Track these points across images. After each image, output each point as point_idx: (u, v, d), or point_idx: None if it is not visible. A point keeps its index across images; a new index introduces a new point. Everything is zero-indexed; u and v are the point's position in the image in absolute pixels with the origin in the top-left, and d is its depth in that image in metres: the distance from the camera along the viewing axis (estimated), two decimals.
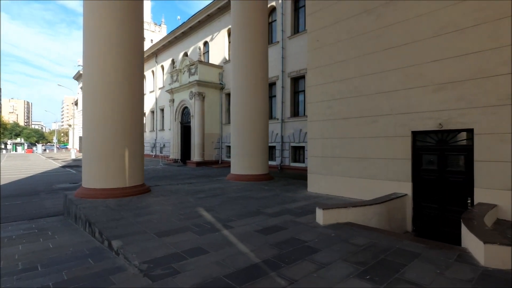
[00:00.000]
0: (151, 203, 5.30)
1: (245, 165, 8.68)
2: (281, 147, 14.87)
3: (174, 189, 6.98)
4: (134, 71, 6.23)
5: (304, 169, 13.79)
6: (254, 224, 3.91)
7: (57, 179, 12.87)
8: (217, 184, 7.80)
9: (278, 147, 14.88)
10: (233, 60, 9.10)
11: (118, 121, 5.90)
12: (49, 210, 6.83)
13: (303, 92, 14.45)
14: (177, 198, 5.82)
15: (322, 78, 6.36)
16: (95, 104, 5.88)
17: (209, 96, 18.79)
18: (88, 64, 5.98)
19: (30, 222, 5.50)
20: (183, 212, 4.56)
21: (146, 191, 6.35)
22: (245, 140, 8.72)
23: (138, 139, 6.34)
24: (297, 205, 5.15)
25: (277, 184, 7.92)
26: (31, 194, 9.09)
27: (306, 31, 13.86)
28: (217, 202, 5.43)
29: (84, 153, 6.04)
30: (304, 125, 13.90)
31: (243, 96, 8.78)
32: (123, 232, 3.50)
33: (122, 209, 4.78)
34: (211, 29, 20.42)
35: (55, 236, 4.25)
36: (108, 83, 5.84)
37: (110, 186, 5.82)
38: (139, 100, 6.39)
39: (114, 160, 5.86)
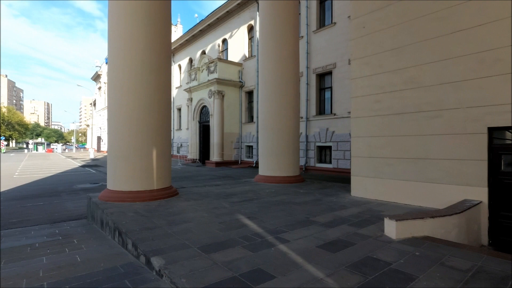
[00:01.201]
0: (183, 208, 4.76)
1: (274, 166, 8.07)
2: (305, 147, 14.17)
3: (202, 191, 6.45)
4: (162, 65, 5.74)
5: (332, 170, 13.04)
6: (311, 236, 3.28)
7: (77, 179, 12.67)
8: (246, 187, 7.22)
9: (303, 147, 14.18)
10: (261, 54, 8.51)
11: (144, 118, 5.41)
12: (71, 212, 6.46)
13: (329, 89, 13.71)
14: (210, 202, 5.27)
15: (369, 69, 5.66)
16: (120, 100, 5.42)
17: (228, 94, 18.31)
18: (113, 58, 5.53)
19: (53, 226, 5.10)
20: (222, 220, 3.98)
21: (174, 194, 5.84)
22: (274, 139, 8.11)
23: (165, 138, 5.85)
24: (349, 212, 4.49)
25: (312, 187, 7.26)
26: (52, 194, 8.80)
27: (333, 24, 13.23)
28: (255, 207, 4.84)
29: (109, 153, 5.59)
30: (330, 124, 13.16)
31: (271, 91, 8.17)
32: (162, 246, 2.95)
33: (152, 215, 4.26)
34: (230, 26, 19.93)
35: (81, 245, 3.77)
36: (134, 77, 5.36)
37: (137, 189, 5.34)
38: (167, 95, 5.89)
39: (141, 160, 5.38)
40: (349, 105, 12.48)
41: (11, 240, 4.21)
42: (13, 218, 5.99)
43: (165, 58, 5.84)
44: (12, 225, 5.50)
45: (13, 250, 3.65)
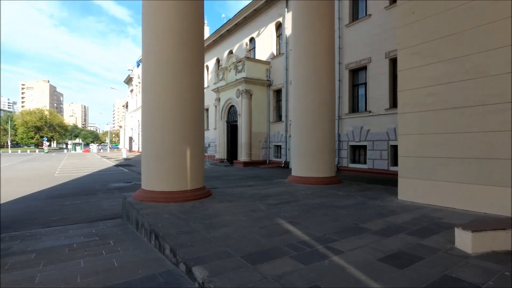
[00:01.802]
0: (218, 210, 4.53)
1: (308, 166, 7.65)
2: (338, 147, 13.54)
3: (236, 192, 6.21)
4: (195, 62, 5.56)
5: (367, 171, 12.32)
6: (368, 247, 2.87)
7: (111, 178, 13.04)
8: (280, 188, 6.88)
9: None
10: (294, 49, 8.12)
11: (178, 117, 5.26)
12: (107, 212, 6.49)
13: (363, 85, 12.98)
14: (245, 204, 4.99)
15: (420, 59, 5.09)
16: (154, 98, 5.31)
17: (256, 93, 18.07)
18: (146, 56, 5.44)
19: (90, 225, 5.09)
20: (263, 225, 3.68)
21: (207, 195, 5.64)
22: (308, 138, 7.69)
23: (199, 137, 5.67)
24: (402, 219, 4.00)
25: (351, 189, 6.76)
26: (89, 193, 9.03)
27: (368, 17, 12.48)
28: (295, 211, 4.48)
29: (143, 153, 5.51)
30: (365, 122, 12.44)
31: (305, 88, 7.75)
32: (202, 253, 2.70)
33: (189, 217, 4.05)
34: (258, 25, 19.69)
35: (117, 247, 3.65)
36: (168, 75, 5.23)
37: (171, 189, 5.19)
38: (200, 93, 5.71)
39: (175, 160, 5.23)
40: (385, 102, 11.72)
41: (51, 239, 4.20)
42: (53, 216, 6.12)
43: (198, 55, 5.66)
44: (52, 223, 5.60)
45: (52, 251, 3.60)
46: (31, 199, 8.07)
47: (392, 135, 11.37)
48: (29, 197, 8.30)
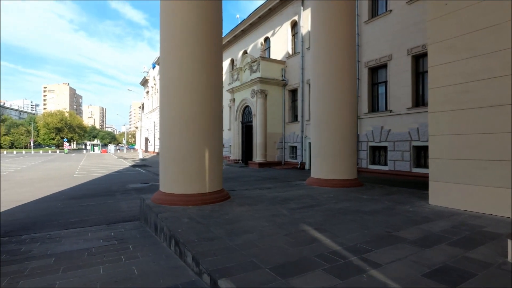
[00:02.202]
0: (239, 215, 4.34)
1: (329, 168, 7.36)
2: (357, 147, 13.11)
3: (254, 195, 6.01)
4: (214, 62, 5.42)
5: (387, 173, 11.85)
6: (408, 260, 2.60)
7: (129, 179, 13.15)
8: (300, 191, 6.63)
9: None
10: (313, 46, 7.86)
11: (197, 117, 5.13)
12: (125, 213, 6.45)
13: (383, 83, 12.52)
14: (266, 208, 4.79)
15: (454, 54, 4.73)
16: (172, 99, 5.19)
17: (271, 93, 17.85)
18: (164, 55, 5.33)
19: (108, 228, 5.03)
20: (288, 232, 3.46)
21: (226, 198, 5.48)
22: (329, 139, 7.40)
23: (217, 139, 5.52)
24: (438, 227, 3.68)
25: (375, 192, 6.43)
26: (107, 194, 9.08)
27: (388, 12, 12.01)
28: (319, 216, 4.24)
29: (161, 154, 5.41)
30: (385, 122, 11.99)
31: (325, 87, 7.47)
32: (227, 263, 2.52)
33: (209, 222, 3.89)
34: (273, 24, 19.47)
35: (137, 253, 3.52)
36: (186, 74, 5.10)
37: (189, 192, 5.06)
38: (219, 93, 5.56)
39: (194, 162, 5.09)
40: (408, 101, 11.23)
41: (70, 242, 4.14)
42: (73, 218, 6.12)
43: (216, 55, 5.51)
44: (72, 225, 5.59)
45: (72, 255, 3.52)
46: (51, 199, 8.18)
47: (415, 135, 10.88)
48: (50, 198, 8.41)
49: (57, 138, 73.44)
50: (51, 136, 73.67)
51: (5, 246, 4.05)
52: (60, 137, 72.44)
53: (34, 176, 14.47)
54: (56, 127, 73.63)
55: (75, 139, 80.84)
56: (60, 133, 74.05)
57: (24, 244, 4.16)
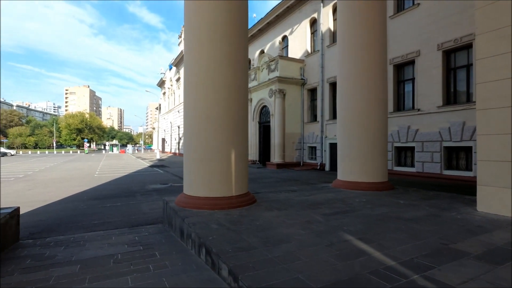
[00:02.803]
0: (270, 220, 4.05)
1: (358, 170, 6.94)
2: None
3: (281, 198, 5.71)
4: (239, 58, 5.16)
5: (415, 175, 11.24)
6: (482, 280, 2.23)
7: (148, 179, 13.15)
8: (328, 194, 6.27)
9: None
10: (340, 41, 7.46)
11: (223, 116, 4.88)
12: (147, 216, 6.31)
13: (410, 81, 11.92)
14: (297, 213, 4.47)
15: (507, 44, 4.25)
16: (197, 97, 4.96)
17: (289, 93, 17.48)
18: (189, 53, 5.12)
19: (132, 231, 4.86)
20: (329, 242, 3.13)
21: (252, 201, 5.20)
22: (358, 139, 6.98)
23: (243, 139, 5.26)
24: (501, 239, 3.25)
25: (411, 196, 5.97)
26: (128, 195, 9.02)
27: (416, 6, 11.36)
28: (358, 224, 3.88)
29: (185, 156, 5.19)
30: (412, 121, 11.38)
31: (354, 84, 7.05)
32: (271, 280, 2.23)
33: (240, 229, 3.62)
34: (291, 22, 19.11)
35: (165, 261, 3.30)
36: (211, 71, 4.86)
37: (215, 195, 4.81)
38: (244, 91, 5.30)
39: (219, 163, 4.85)
40: (438, 99, 10.60)
41: (94, 247, 3.98)
42: (96, 220, 6.03)
43: (242, 51, 5.25)
44: (95, 227, 5.47)
45: (97, 262, 3.33)
46: (74, 200, 8.18)
47: (446, 135, 10.23)
48: (73, 198, 8.43)
49: (78, 138, 75.85)
50: (72, 137, 76.16)
51: (30, 250, 3.93)
52: (80, 138, 74.79)
53: (57, 176, 14.76)
54: (77, 128, 76.09)
55: (94, 140, 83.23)
56: (81, 134, 76.43)
57: (48, 247, 4.04)
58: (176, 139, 40.57)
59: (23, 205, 7.42)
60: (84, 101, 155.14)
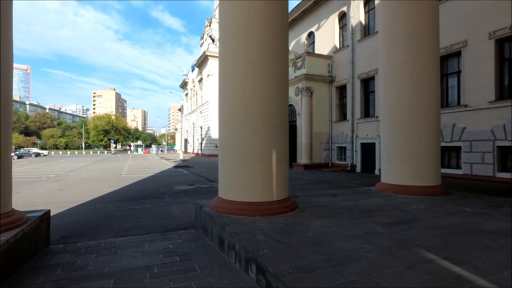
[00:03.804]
0: (323, 231, 3.51)
1: (407, 172, 6.21)
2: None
3: (324, 204, 5.14)
4: (280, 48, 4.67)
5: (462, 177, 10.18)
6: None
7: (174, 180, 12.97)
8: (375, 199, 5.62)
9: None
10: (385, 29, 6.77)
11: (266, 113, 4.41)
12: (178, 220, 5.96)
13: (456, 74, 10.89)
14: (350, 222, 3.89)
15: None
16: (235, 94, 4.50)
17: (317, 91, 16.77)
18: (226, 44, 4.68)
19: (164, 237, 4.52)
20: (408, 262, 2.55)
21: (294, 207, 4.67)
22: (406, 138, 6.26)
23: (284, 138, 4.76)
24: None
25: (475, 203, 5.19)
26: (156, 196, 8.79)
27: None
28: (431, 237, 3.25)
29: (221, 157, 4.75)
30: (458, 118, 10.37)
31: (402, 76, 6.32)
32: None
33: (291, 241, 3.11)
34: (317, 18, 18.38)
35: (208, 278, 2.86)
36: (253, 64, 4.40)
37: (255, 199, 4.33)
38: (285, 85, 4.79)
39: (260, 165, 4.37)
40: (490, 93, 9.54)
41: (127, 256, 3.63)
42: (126, 223, 5.76)
43: (283, 40, 4.75)
44: (126, 232, 5.18)
45: (132, 276, 2.96)
46: (104, 201, 8.04)
47: (500, 133, 9.17)
48: (102, 199, 8.30)
49: (104, 139, 78.72)
50: (100, 138, 79.17)
51: (60, 258, 3.65)
52: (107, 139, 77.55)
53: (86, 176, 14.98)
54: (104, 130, 79.02)
55: (120, 141, 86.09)
56: (107, 135, 79.27)
57: (79, 255, 3.74)
58: (198, 139, 40.83)
59: (54, 206, 7.34)
60: (110, 103, 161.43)
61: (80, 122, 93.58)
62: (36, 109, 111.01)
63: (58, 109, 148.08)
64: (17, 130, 72.36)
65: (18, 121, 75.47)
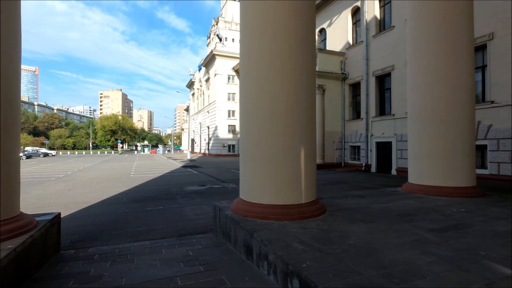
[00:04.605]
0: (366, 239, 3.10)
1: (439, 172, 5.76)
2: None
3: (354, 206, 4.72)
4: (309, 34, 4.28)
5: (488, 177, 9.65)
6: None
7: (184, 180, 12.66)
8: (408, 201, 5.18)
9: None
10: (411, 20, 6.32)
11: (295, 106, 4.03)
12: (194, 223, 5.61)
13: (479, 69, 10.34)
14: (391, 228, 3.48)
15: None
16: (260, 85, 4.11)
17: (329, 88, 16.31)
18: (250, 27, 4.30)
19: (181, 242, 4.18)
20: (484, 278, 2.14)
21: (324, 210, 4.27)
22: (438, 135, 5.81)
23: (312, 135, 4.36)
24: None
25: None
26: (168, 197, 8.46)
27: None
28: (494, 246, 2.82)
29: (245, 155, 4.37)
30: (484, 115, 9.83)
31: (432, 69, 5.88)
32: None
33: (335, 250, 2.71)
34: (329, 14, 17.91)
35: None
36: (281, 51, 4.01)
37: (283, 202, 3.94)
38: (313, 75, 4.39)
39: (289, 164, 3.98)
40: None
41: (145, 264, 3.28)
42: (140, 226, 5.42)
43: (310, 24, 4.35)
44: (140, 235, 4.84)
45: None
46: (115, 202, 7.73)
47: None
48: (113, 200, 8.00)
49: (112, 139, 79.11)
50: (107, 138, 79.59)
51: (72, 266, 3.31)
52: (114, 139, 77.91)
53: (95, 176, 14.77)
54: (111, 130, 79.41)
55: (127, 141, 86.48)
56: (115, 135, 79.65)
57: (92, 262, 3.40)
58: (205, 139, 40.60)
59: (64, 207, 7.06)
60: (117, 104, 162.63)
61: (88, 123, 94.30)
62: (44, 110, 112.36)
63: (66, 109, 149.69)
64: (26, 130, 73.16)
65: (26, 121, 76.33)
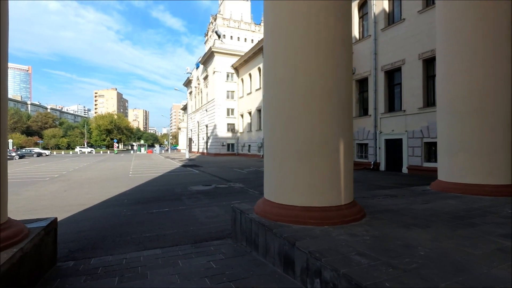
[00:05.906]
0: (434, 246, 2.56)
1: (478, 169, 5.24)
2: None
3: (392, 208, 4.17)
4: (346, 19, 3.73)
5: None
6: None
7: (186, 180, 12.03)
8: (449, 200, 4.65)
9: None
10: (444, 3, 5.79)
11: (334, 92, 3.49)
12: (207, 227, 5.02)
13: None
14: (455, 233, 2.93)
15: None
16: (290, 69, 3.53)
17: None
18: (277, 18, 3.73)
19: (198, 250, 3.64)
20: None
21: (364, 213, 3.70)
22: (479, 128, 5.26)
23: (350, 128, 3.83)
24: None
25: None
26: (173, 198, 7.84)
27: None
28: None
29: (271, 151, 3.79)
30: None
31: (467, 56, 5.36)
32: None
33: (405, 263, 2.15)
34: None
35: None
36: (316, 24, 3.45)
37: (321, 204, 3.37)
38: (349, 53, 3.83)
39: (328, 158, 3.42)
40: None
41: (161, 280, 2.74)
42: (146, 231, 4.80)
43: (347, 7, 3.80)
44: (148, 242, 4.24)
45: None
46: (115, 204, 7.08)
47: None
48: (113, 202, 7.35)
49: (107, 139, 77.85)
50: (102, 137, 78.30)
51: (73, 283, 2.73)
52: (110, 138, 76.66)
53: (92, 176, 14.06)
54: (106, 129, 78.13)
55: (123, 140, 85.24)
56: (110, 135, 78.40)
57: (97, 278, 2.81)
58: (204, 138, 39.91)
59: (60, 209, 6.41)
60: (112, 103, 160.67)
61: (82, 122, 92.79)
62: (37, 109, 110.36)
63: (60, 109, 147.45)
64: (19, 130, 71.59)
65: (19, 121, 74.70)
